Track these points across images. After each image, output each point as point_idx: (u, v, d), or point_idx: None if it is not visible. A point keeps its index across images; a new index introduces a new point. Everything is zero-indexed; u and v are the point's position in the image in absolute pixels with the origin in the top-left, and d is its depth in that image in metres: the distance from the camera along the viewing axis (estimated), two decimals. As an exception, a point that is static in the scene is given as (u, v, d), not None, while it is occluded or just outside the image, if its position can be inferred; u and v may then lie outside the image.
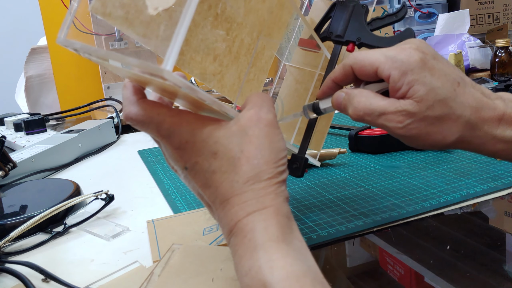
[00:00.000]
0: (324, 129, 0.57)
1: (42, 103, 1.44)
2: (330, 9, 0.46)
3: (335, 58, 0.45)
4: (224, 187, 0.30)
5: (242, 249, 0.28)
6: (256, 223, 0.29)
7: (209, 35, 0.36)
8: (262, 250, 0.27)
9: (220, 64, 0.38)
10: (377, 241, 0.45)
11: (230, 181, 0.30)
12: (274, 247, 0.28)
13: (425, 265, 0.40)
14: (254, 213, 0.29)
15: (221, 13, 0.36)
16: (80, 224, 0.53)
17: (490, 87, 1.03)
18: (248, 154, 0.30)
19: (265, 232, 0.28)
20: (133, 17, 0.31)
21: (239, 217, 0.29)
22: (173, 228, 0.50)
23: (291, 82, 0.56)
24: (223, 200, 0.30)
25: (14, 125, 1.08)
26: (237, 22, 0.39)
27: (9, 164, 0.65)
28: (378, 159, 0.69)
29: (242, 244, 0.29)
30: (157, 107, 0.32)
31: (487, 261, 0.39)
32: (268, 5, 0.41)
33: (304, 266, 0.27)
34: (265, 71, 0.47)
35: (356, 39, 0.44)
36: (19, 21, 2.44)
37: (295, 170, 0.43)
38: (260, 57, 0.45)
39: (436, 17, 1.52)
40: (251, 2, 0.39)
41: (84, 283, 0.41)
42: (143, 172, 0.75)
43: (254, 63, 0.44)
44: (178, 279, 0.37)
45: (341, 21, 0.45)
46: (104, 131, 0.94)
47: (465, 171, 0.60)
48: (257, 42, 0.43)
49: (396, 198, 0.54)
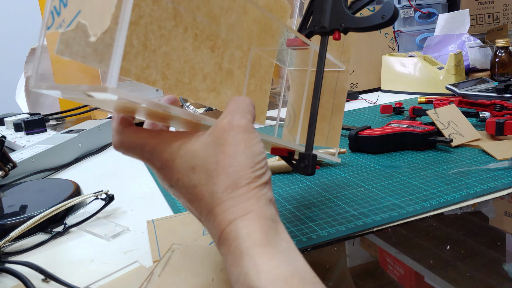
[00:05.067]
0: (338, 124, 0.56)
1: (42, 103, 1.44)
2: (310, 3, 0.46)
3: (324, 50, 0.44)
4: (206, 199, 0.31)
5: (230, 257, 0.29)
6: (239, 231, 0.29)
7: (192, 56, 0.36)
8: (248, 256, 0.28)
9: (212, 81, 0.38)
10: (377, 241, 0.45)
11: (210, 193, 0.30)
12: (258, 252, 0.28)
13: (425, 265, 0.40)
14: (236, 220, 0.29)
15: (200, 33, 0.36)
16: (80, 224, 0.53)
17: (490, 87, 1.03)
18: (223, 163, 0.30)
19: (249, 238, 0.28)
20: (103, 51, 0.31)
21: (222, 226, 0.30)
22: (173, 228, 0.50)
23: (297, 86, 0.56)
24: (207, 212, 0.31)
25: (14, 125, 1.08)
26: (221, 39, 0.39)
27: (9, 164, 0.65)
28: (378, 159, 0.69)
29: (229, 252, 0.29)
30: (138, 132, 0.34)
31: (487, 261, 0.39)
32: (252, 17, 0.41)
33: (291, 267, 0.27)
34: (266, 80, 0.47)
35: (339, 25, 0.44)
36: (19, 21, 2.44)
37: (304, 169, 0.42)
38: (257, 68, 0.45)
39: (436, 17, 1.52)
40: (231, 18, 0.39)
41: (84, 283, 0.41)
42: (143, 172, 0.75)
43: (252, 74, 0.44)
44: (178, 279, 0.37)
45: (322, 12, 0.45)
46: (104, 131, 0.94)
47: (465, 171, 0.60)
48: (249, 54, 0.43)
49: (396, 198, 0.54)
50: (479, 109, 0.82)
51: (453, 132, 0.72)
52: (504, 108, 0.78)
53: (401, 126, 0.74)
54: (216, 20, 0.37)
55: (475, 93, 1.00)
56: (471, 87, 1.07)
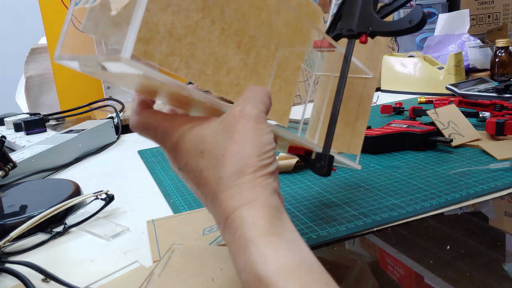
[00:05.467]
0: (361, 131, 0.55)
1: (42, 103, 1.44)
2: (340, 7, 0.46)
3: (350, 52, 0.44)
4: (212, 184, 0.31)
5: (235, 246, 0.29)
6: (244, 219, 0.29)
7: (218, 49, 0.36)
8: (253, 245, 0.27)
9: (236, 76, 0.39)
10: (377, 241, 0.45)
11: (216, 178, 0.31)
12: (264, 241, 0.28)
13: (425, 265, 0.40)
14: (241, 208, 0.29)
15: (227, 27, 0.37)
16: (80, 224, 0.53)
17: (490, 87, 1.03)
18: (231, 150, 0.31)
19: (254, 226, 0.28)
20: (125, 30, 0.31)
21: (227, 213, 0.30)
22: (173, 228, 0.50)
23: (323, 91, 0.55)
24: (212, 197, 0.31)
25: (14, 125, 1.08)
26: (248, 36, 0.39)
27: (9, 164, 0.65)
28: (378, 159, 0.69)
29: (234, 240, 0.29)
30: (154, 114, 0.35)
31: (487, 261, 0.39)
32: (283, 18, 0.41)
33: (297, 256, 0.27)
34: (292, 82, 0.47)
35: (367, 29, 0.44)
36: (19, 21, 2.44)
37: (319, 169, 0.41)
38: (283, 69, 0.45)
39: (436, 17, 1.52)
40: (261, 16, 0.39)
41: (84, 283, 0.41)
42: (143, 172, 0.75)
43: (277, 75, 0.44)
44: (178, 279, 0.37)
45: (351, 15, 0.45)
46: (104, 131, 0.94)
47: (465, 171, 0.60)
48: (276, 54, 0.43)
49: (396, 198, 0.54)
50: (479, 109, 0.82)
51: (453, 132, 0.72)
52: (504, 108, 0.78)
53: (401, 126, 0.74)
54: (244, 17, 0.37)
55: (475, 93, 1.00)
56: (471, 87, 1.07)
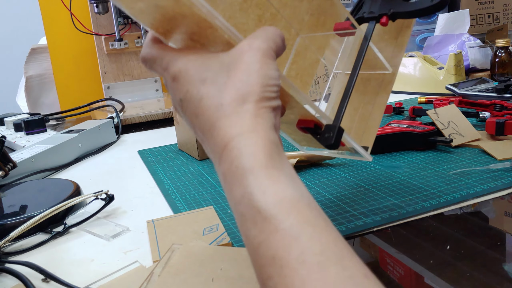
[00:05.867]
0: (376, 124, 0.54)
1: (42, 103, 1.44)
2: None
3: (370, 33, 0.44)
4: (211, 111, 0.30)
5: (231, 176, 0.28)
6: (242, 149, 0.28)
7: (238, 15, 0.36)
8: (252, 176, 0.27)
9: None
10: (377, 241, 0.45)
11: (216, 105, 0.30)
12: (263, 173, 0.27)
13: (425, 265, 0.40)
14: (240, 136, 0.28)
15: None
16: (80, 224, 0.53)
17: (490, 87, 1.03)
18: (234, 77, 0.30)
19: (253, 157, 0.27)
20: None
21: (225, 141, 0.29)
22: (173, 228, 0.50)
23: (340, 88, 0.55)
24: (210, 126, 0.30)
25: (14, 125, 1.08)
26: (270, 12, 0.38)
27: (9, 164, 0.65)
28: (378, 159, 0.69)
29: (230, 171, 0.28)
30: (164, 47, 0.35)
31: (487, 261, 0.39)
32: (306, 6, 0.41)
33: (297, 192, 0.27)
34: (309, 74, 0.46)
35: (388, 10, 0.43)
36: (19, 21, 2.44)
37: (327, 139, 0.39)
38: (302, 57, 0.44)
39: (436, 17, 1.52)
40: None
41: (84, 283, 0.41)
42: (143, 172, 0.75)
43: (295, 60, 0.43)
44: (178, 279, 0.37)
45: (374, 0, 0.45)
46: (104, 131, 0.94)
47: (465, 171, 0.60)
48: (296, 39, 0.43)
49: (396, 198, 0.54)
50: (479, 109, 0.82)
51: (453, 132, 0.72)
52: (504, 108, 0.78)
53: (401, 126, 0.74)
54: None
55: (475, 93, 1.00)
56: (471, 87, 1.07)
